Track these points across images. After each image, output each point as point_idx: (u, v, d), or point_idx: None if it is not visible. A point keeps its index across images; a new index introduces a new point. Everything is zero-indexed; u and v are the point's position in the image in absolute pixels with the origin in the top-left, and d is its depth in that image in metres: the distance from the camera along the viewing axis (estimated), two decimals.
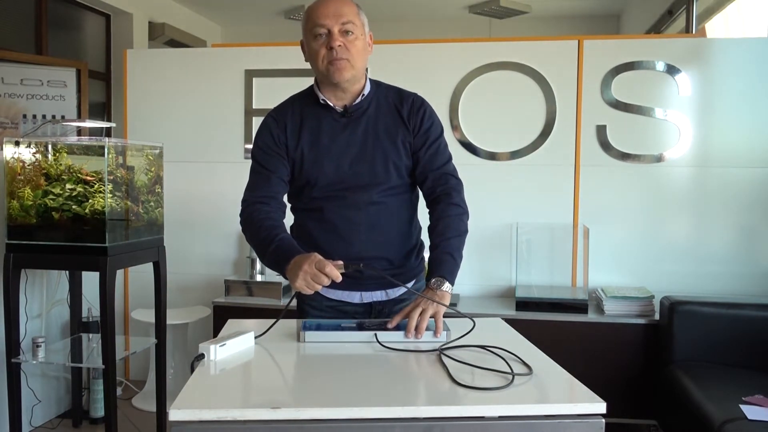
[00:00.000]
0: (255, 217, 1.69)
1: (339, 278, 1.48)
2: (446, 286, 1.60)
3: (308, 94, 1.78)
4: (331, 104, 1.72)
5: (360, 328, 1.56)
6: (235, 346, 1.44)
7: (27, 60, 4.33)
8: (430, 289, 1.60)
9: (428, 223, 1.76)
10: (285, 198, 1.79)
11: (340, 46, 1.63)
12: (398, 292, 1.82)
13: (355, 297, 1.79)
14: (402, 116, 1.75)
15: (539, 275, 3.30)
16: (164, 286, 2.96)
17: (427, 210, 1.79)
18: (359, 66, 1.69)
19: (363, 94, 1.73)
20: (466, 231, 1.74)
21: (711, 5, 4.41)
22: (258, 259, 1.74)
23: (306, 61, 1.74)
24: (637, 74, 3.24)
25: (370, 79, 1.76)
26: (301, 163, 1.72)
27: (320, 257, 1.50)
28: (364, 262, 1.59)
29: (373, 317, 1.80)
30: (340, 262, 1.51)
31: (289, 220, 1.79)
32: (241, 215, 1.74)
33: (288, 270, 1.53)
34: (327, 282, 1.48)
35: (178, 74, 3.65)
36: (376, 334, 1.51)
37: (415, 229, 1.85)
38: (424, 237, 1.88)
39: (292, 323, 1.73)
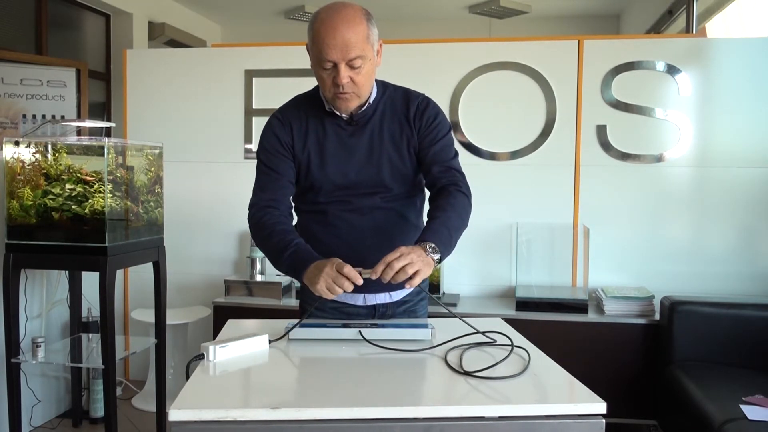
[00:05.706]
0: (266, 222, 1.66)
1: (360, 281, 1.45)
2: (437, 257, 1.49)
3: (313, 97, 1.74)
4: (338, 113, 1.69)
5: (345, 326, 1.56)
6: (246, 348, 1.44)
7: (27, 60, 4.33)
8: (420, 248, 1.48)
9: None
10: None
11: (347, 82, 1.59)
12: (402, 294, 1.81)
13: (358, 299, 1.78)
14: (408, 118, 1.72)
15: (539, 275, 3.30)
16: (164, 286, 2.96)
17: (429, 203, 1.72)
18: (365, 93, 1.65)
19: (369, 102, 1.70)
20: (466, 224, 1.65)
21: (711, 5, 4.41)
22: (271, 263, 1.70)
23: (311, 68, 1.66)
24: (637, 74, 3.24)
25: (376, 82, 1.72)
26: (307, 166, 1.70)
27: (340, 261, 1.48)
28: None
29: (377, 319, 1.79)
30: (359, 269, 1.47)
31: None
32: (250, 219, 1.71)
33: (307, 274, 1.52)
34: (349, 287, 1.45)
35: (178, 74, 3.65)
36: (360, 331, 1.51)
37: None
38: None
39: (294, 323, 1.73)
